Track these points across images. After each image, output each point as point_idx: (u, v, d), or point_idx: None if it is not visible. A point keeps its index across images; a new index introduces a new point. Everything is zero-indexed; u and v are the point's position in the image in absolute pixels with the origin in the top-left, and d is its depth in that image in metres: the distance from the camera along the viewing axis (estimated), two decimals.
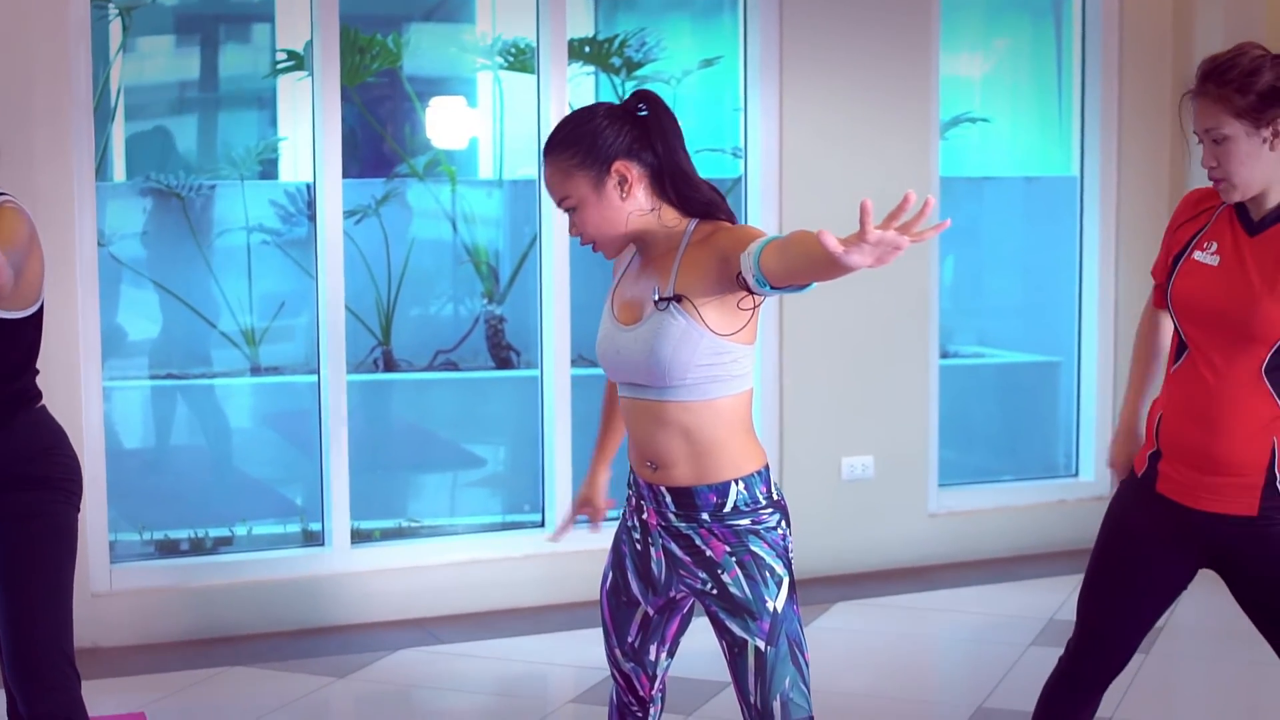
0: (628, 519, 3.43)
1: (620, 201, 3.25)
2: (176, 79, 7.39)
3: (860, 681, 5.53)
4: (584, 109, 3.32)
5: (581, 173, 3.24)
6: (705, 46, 7.48)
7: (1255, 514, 3.44)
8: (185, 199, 6.85)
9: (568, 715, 5.24)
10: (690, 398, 3.20)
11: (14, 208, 3.60)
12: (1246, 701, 5.38)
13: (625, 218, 3.26)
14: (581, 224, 3.27)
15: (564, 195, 3.26)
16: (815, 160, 6.64)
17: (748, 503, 3.24)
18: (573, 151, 3.24)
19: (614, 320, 3.33)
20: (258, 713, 5.16)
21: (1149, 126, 7.12)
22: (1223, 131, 3.36)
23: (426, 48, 7.63)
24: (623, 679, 3.55)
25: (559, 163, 3.26)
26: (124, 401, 6.73)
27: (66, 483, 3.71)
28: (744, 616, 3.22)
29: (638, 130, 3.28)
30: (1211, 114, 3.37)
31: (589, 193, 3.24)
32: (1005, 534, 7.13)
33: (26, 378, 3.72)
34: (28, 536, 3.61)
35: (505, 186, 7.53)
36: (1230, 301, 3.40)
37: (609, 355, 3.32)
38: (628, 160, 3.25)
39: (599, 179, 3.24)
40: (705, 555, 3.25)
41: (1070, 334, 7.44)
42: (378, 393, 7.26)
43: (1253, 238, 3.43)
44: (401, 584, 6.19)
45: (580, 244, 3.32)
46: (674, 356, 3.16)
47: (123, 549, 6.15)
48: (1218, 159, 3.40)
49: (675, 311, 3.17)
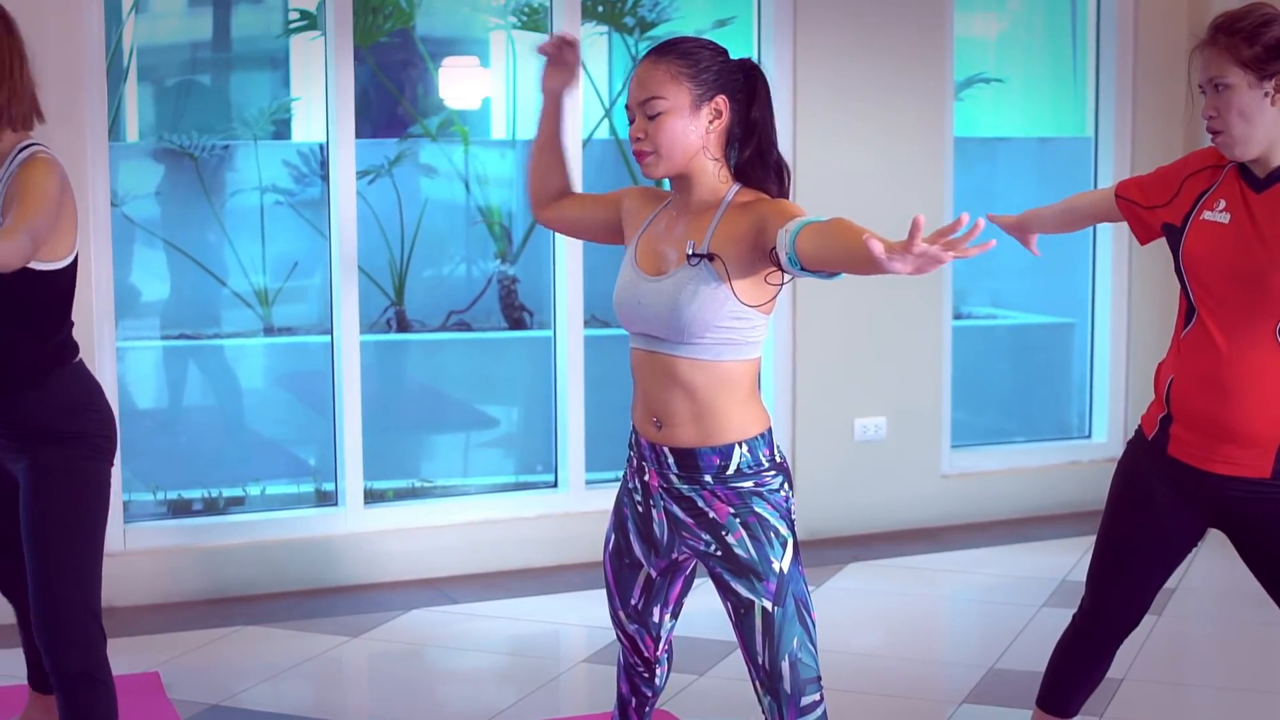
0: (629, 480, 3.43)
1: (704, 132, 3.23)
2: (189, 39, 7.38)
3: (872, 641, 5.54)
4: (707, 40, 3.30)
5: (689, 84, 3.20)
6: (719, 6, 7.45)
7: (1269, 475, 3.44)
8: (198, 159, 6.84)
9: (580, 675, 5.26)
10: (702, 356, 3.20)
11: (46, 158, 3.59)
12: (1258, 662, 5.39)
13: (697, 150, 3.24)
14: (656, 131, 3.21)
15: (657, 96, 3.20)
16: (829, 121, 6.61)
17: (751, 465, 3.24)
18: (690, 61, 3.22)
19: (636, 269, 3.31)
20: (271, 672, 5.18)
21: (1163, 87, 7.08)
22: (1225, 80, 3.36)
23: (439, 7, 7.61)
24: (628, 640, 3.56)
25: (670, 64, 3.21)
26: (138, 362, 6.75)
27: (100, 439, 3.71)
28: (750, 577, 3.22)
29: (749, 85, 3.28)
30: (1216, 62, 3.38)
31: (683, 105, 3.20)
32: (1018, 495, 7.13)
33: (64, 332, 3.72)
34: (60, 492, 3.62)
35: (518, 147, 7.52)
36: (1244, 259, 3.39)
37: (628, 305, 3.30)
38: (731, 101, 3.25)
39: (699, 100, 3.21)
40: (708, 517, 3.25)
41: (1084, 295, 7.42)
42: (391, 353, 7.26)
43: (1259, 194, 3.42)
44: (414, 544, 6.21)
45: (635, 151, 3.25)
46: (697, 314, 3.16)
47: (136, 509, 6.17)
48: (1217, 108, 3.40)
49: (706, 269, 3.16)
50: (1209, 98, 3.42)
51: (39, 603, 3.59)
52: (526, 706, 4.86)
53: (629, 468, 3.43)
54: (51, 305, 3.66)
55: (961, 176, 6.99)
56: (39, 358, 3.67)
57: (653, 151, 3.22)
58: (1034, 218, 4.02)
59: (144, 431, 6.52)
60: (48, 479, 3.63)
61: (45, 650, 3.60)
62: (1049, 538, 6.78)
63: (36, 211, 3.45)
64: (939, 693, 5.03)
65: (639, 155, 3.25)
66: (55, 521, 3.60)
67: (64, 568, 3.58)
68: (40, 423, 3.65)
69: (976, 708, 4.83)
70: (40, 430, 3.64)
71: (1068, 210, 3.97)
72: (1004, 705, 4.80)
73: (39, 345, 3.66)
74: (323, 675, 5.25)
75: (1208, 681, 5.32)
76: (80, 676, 3.60)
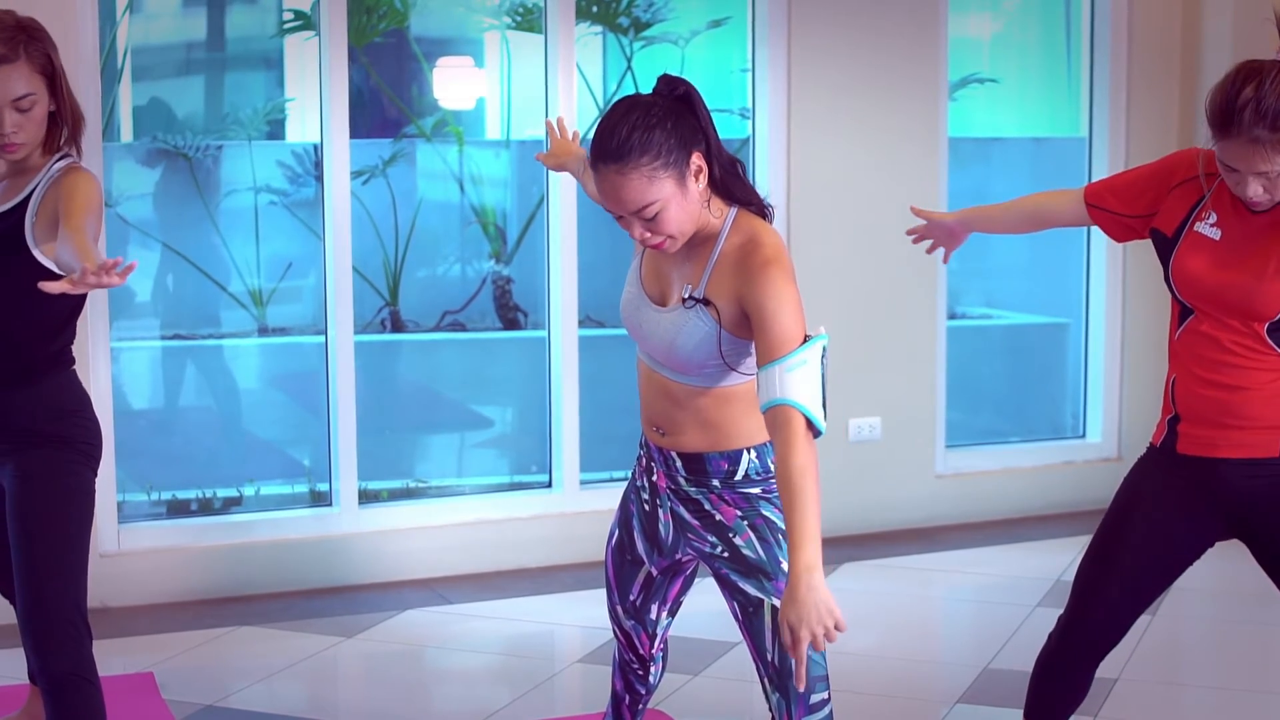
0: (637, 479, 3.43)
1: (698, 193, 3.11)
2: (183, 39, 7.37)
3: (867, 642, 5.54)
4: (627, 107, 3.09)
5: (666, 173, 3.04)
6: (713, 7, 7.46)
7: (1277, 454, 3.45)
8: (192, 160, 6.84)
9: (575, 675, 5.26)
10: (706, 384, 3.20)
11: (85, 170, 3.73)
12: (1253, 662, 5.39)
13: (700, 208, 3.14)
14: (663, 225, 3.07)
15: (647, 203, 3.05)
16: (823, 121, 6.62)
17: (759, 471, 3.24)
18: (653, 154, 3.03)
19: (642, 291, 3.29)
20: (266, 672, 5.18)
21: (1158, 87, 7.09)
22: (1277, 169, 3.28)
23: (434, 7, 7.60)
24: (624, 636, 3.57)
25: (640, 170, 3.03)
26: (132, 362, 6.74)
27: (87, 445, 3.75)
28: (759, 577, 3.22)
29: (690, 117, 3.12)
30: (1266, 159, 3.26)
31: (675, 191, 3.06)
32: (1012, 495, 7.13)
33: (65, 338, 3.79)
34: (46, 493, 3.66)
35: (513, 147, 7.52)
36: (1233, 276, 3.40)
37: (632, 323, 3.29)
38: (696, 148, 3.10)
39: (682, 175, 3.07)
40: (715, 519, 3.26)
41: (1078, 296, 7.43)
42: (385, 354, 7.26)
43: (1255, 214, 3.41)
44: (409, 544, 6.21)
45: (650, 245, 3.13)
46: (694, 353, 3.15)
47: (131, 509, 6.17)
48: (1264, 188, 3.31)
49: (700, 312, 3.14)
50: (1253, 181, 3.31)
51: (25, 604, 3.61)
52: (521, 707, 4.86)
53: (638, 466, 3.43)
54: (61, 308, 3.70)
55: (956, 177, 6.99)
56: (38, 357, 3.71)
57: (666, 238, 3.12)
58: (978, 217, 3.96)
59: (138, 432, 6.52)
60: (33, 482, 3.66)
61: (32, 652, 3.63)
62: (1043, 538, 6.79)
63: (87, 214, 3.55)
64: (933, 693, 5.04)
65: (656, 248, 3.15)
66: (41, 524, 3.63)
67: (50, 570, 3.61)
68: (27, 423, 3.68)
69: (970, 708, 4.83)
70: (26, 431, 3.68)
71: (1028, 213, 3.88)
72: (998, 705, 4.80)
73: (41, 345, 3.72)
74: (317, 676, 5.25)
75: (1202, 681, 5.32)
76: (68, 677, 3.61)
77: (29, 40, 3.67)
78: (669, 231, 3.09)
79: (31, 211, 3.65)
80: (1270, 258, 3.38)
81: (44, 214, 3.63)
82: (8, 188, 3.74)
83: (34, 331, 3.69)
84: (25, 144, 3.69)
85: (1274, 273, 3.37)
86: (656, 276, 3.28)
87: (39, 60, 3.67)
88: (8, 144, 3.66)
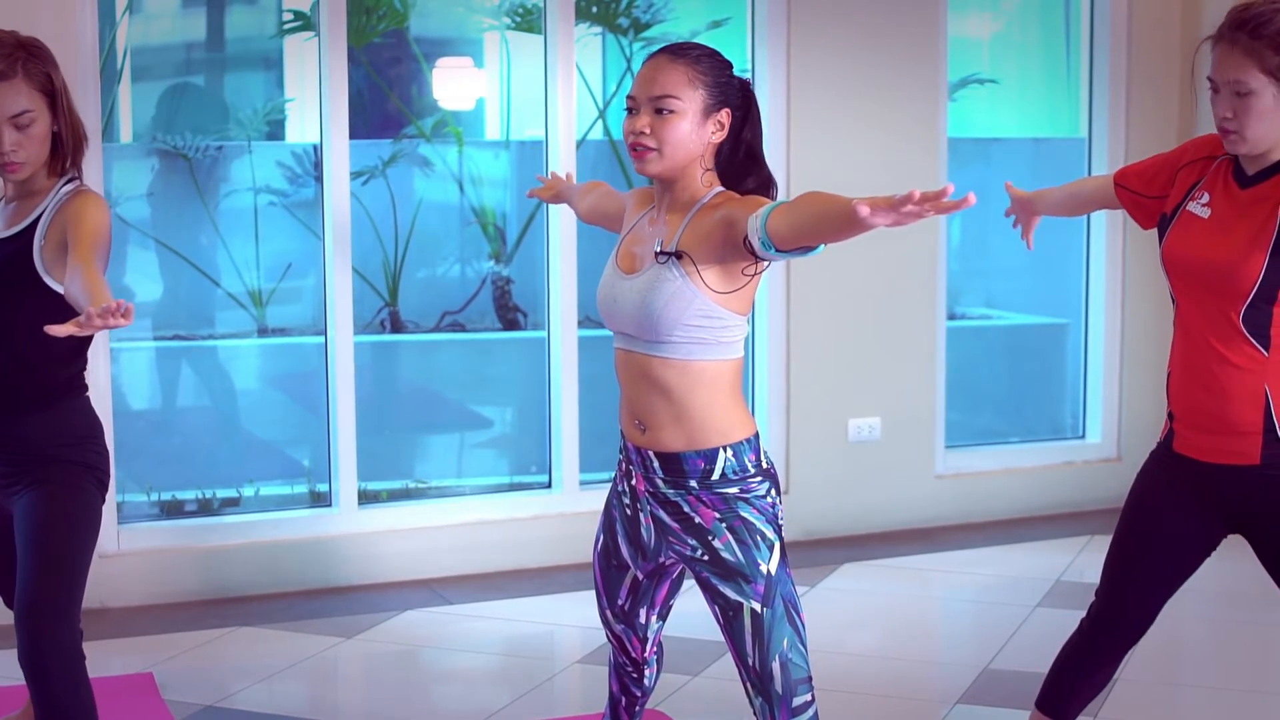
0: (618, 484, 3.45)
1: (706, 140, 3.25)
2: (183, 40, 7.37)
3: (866, 642, 5.54)
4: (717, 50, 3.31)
5: (703, 91, 3.23)
6: (713, 7, 7.45)
7: (1258, 462, 3.45)
8: (192, 160, 6.84)
9: (574, 675, 5.26)
10: (675, 355, 3.21)
11: (93, 194, 3.75)
12: (1254, 663, 5.39)
13: (695, 157, 3.26)
14: (663, 129, 3.22)
15: (672, 95, 3.22)
16: (823, 121, 6.62)
17: (736, 470, 3.24)
18: (706, 69, 3.24)
19: (615, 268, 3.35)
20: (265, 673, 5.18)
21: (1157, 88, 7.09)
22: (1249, 85, 3.31)
23: (433, 8, 7.60)
24: (616, 640, 3.58)
25: (688, 67, 3.23)
26: (131, 363, 6.74)
27: (97, 470, 3.79)
28: (737, 580, 3.22)
29: (745, 104, 3.31)
30: (1239, 65, 3.31)
31: (694, 111, 3.22)
32: (1012, 496, 7.13)
33: (80, 363, 3.81)
34: (57, 498, 3.68)
35: (512, 147, 7.52)
36: (1216, 253, 3.40)
37: (606, 302, 3.34)
38: (733, 116, 3.28)
39: (709, 108, 3.24)
40: (694, 522, 3.26)
41: (1078, 296, 7.43)
42: (385, 354, 7.26)
43: (1243, 190, 3.42)
44: (408, 545, 6.21)
45: (634, 146, 3.26)
46: (664, 311, 3.17)
47: (130, 510, 6.16)
48: (1235, 111, 3.34)
49: (673, 267, 3.18)
50: (1225, 99, 3.36)
51: (23, 598, 3.62)
52: (521, 707, 4.86)
53: (618, 471, 3.45)
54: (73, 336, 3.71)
55: (955, 177, 6.99)
56: (52, 382, 3.75)
57: (655, 149, 3.23)
58: (1042, 198, 4.03)
59: (138, 432, 6.52)
60: (45, 488, 3.69)
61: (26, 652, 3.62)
62: (1043, 538, 6.78)
63: (95, 245, 3.56)
64: (933, 693, 5.04)
65: (639, 150, 3.24)
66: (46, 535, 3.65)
67: (51, 569, 3.62)
68: (40, 448, 3.71)
69: (971, 708, 4.83)
70: (38, 455, 3.71)
71: (1072, 195, 3.98)
72: (998, 706, 4.80)
73: (55, 370, 3.74)
74: (317, 676, 5.25)
75: (1203, 682, 5.32)
76: (60, 678, 3.61)
77: (28, 58, 3.68)
78: (665, 139, 3.22)
79: (40, 235, 3.67)
80: (1249, 231, 3.38)
81: (52, 238, 3.66)
82: (15, 210, 3.75)
83: (47, 355, 3.70)
84: (27, 163, 3.70)
85: (1250, 245, 3.37)
86: (629, 255, 3.34)
87: (38, 78, 3.69)
88: (8, 163, 3.67)
